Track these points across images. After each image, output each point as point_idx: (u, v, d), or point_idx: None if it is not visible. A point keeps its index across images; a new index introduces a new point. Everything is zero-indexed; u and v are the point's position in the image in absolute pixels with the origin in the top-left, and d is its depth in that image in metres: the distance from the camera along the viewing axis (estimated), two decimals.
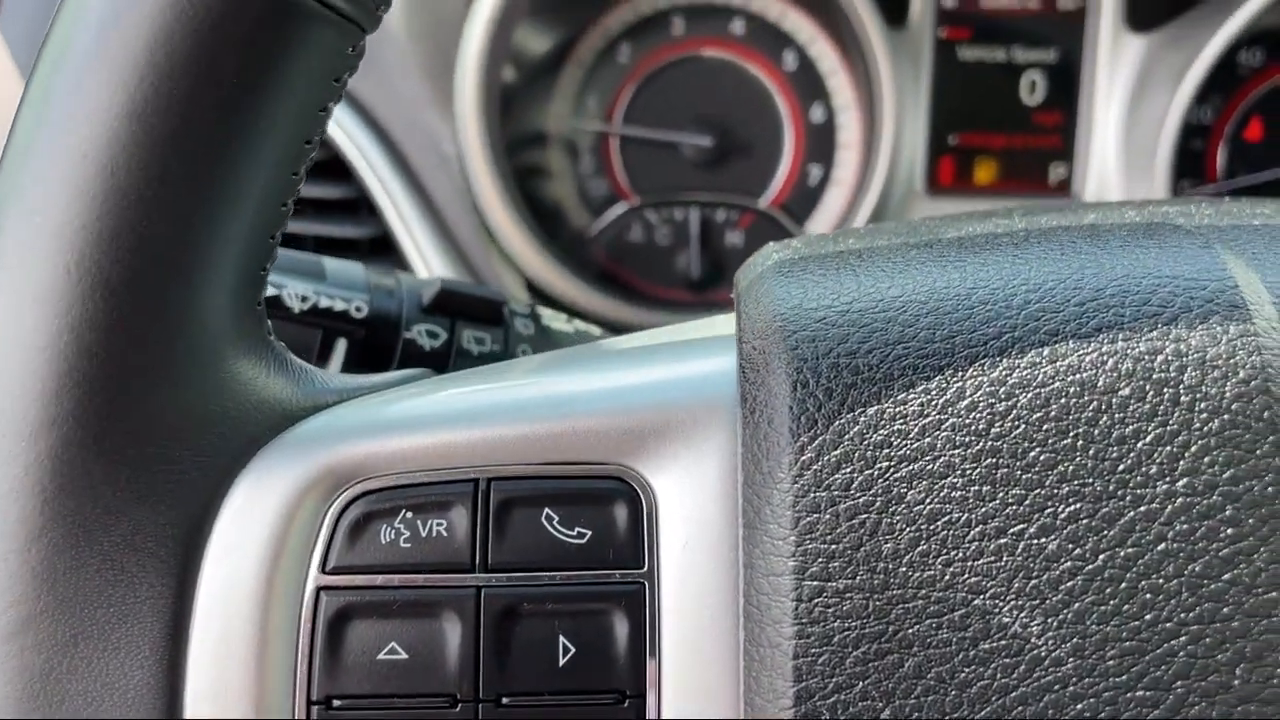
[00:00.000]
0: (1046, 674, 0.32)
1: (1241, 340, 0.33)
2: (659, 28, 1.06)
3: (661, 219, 1.08)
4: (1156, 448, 0.32)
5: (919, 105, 1.04)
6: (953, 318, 0.36)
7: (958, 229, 0.44)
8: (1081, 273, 0.36)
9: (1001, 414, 0.33)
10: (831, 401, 0.35)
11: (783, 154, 1.07)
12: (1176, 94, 0.95)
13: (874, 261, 0.40)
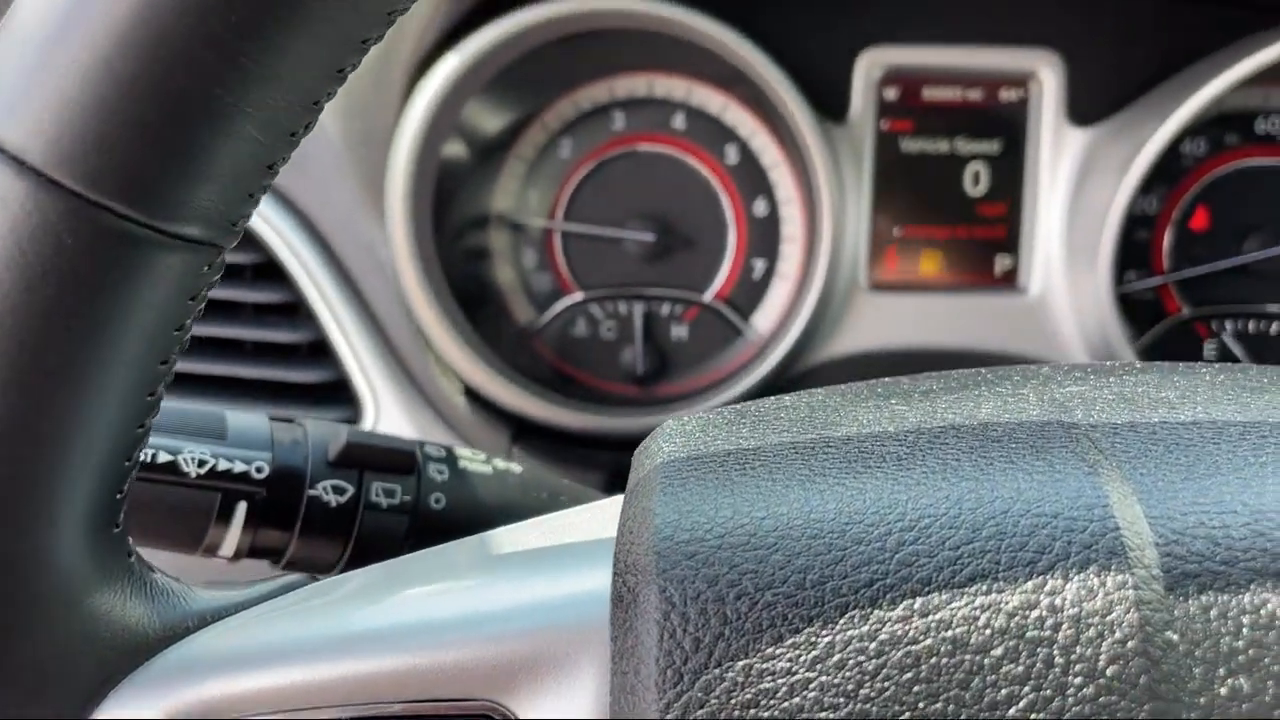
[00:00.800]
0: None
1: (1119, 594, 0.32)
2: (600, 122, 1.05)
3: (606, 313, 1.07)
4: (1030, 715, 0.31)
5: (861, 198, 1.03)
6: (825, 560, 0.34)
7: (850, 421, 0.43)
8: (959, 507, 0.35)
9: (870, 674, 0.32)
10: (699, 654, 0.33)
11: (726, 248, 1.06)
12: (1120, 186, 0.94)
13: (757, 473, 0.39)
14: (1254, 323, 1.04)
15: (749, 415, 0.46)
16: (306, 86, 0.36)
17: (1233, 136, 1.03)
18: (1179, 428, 0.40)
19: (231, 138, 0.36)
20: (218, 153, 0.36)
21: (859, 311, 1.04)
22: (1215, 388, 0.45)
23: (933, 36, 1.02)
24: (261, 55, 0.34)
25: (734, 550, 0.35)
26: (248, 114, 0.35)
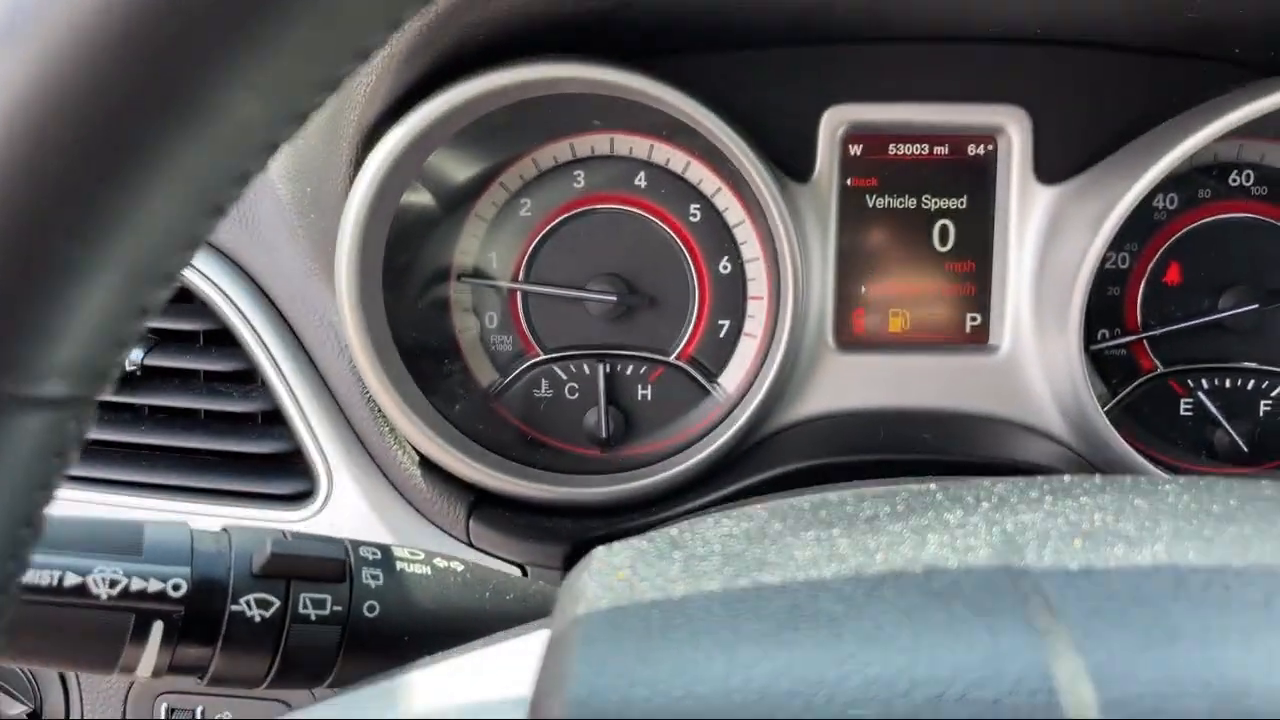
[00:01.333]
0: None
1: None
2: (561, 181, 1.03)
3: (569, 374, 1.05)
4: None
5: (827, 256, 1.01)
6: None
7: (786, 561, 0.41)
8: (893, 689, 0.33)
9: None
10: None
11: (690, 307, 1.04)
12: (1090, 245, 0.92)
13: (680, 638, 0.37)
14: (1230, 379, 1.02)
15: (682, 547, 0.44)
16: (171, 233, 0.34)
17: (1205, 190, 1.01)
18: (1138, 577, 0.38)
19: (92, 289, 0.34)
20: (76, 306, 0.34)
21: (827, 371, 1.02)
22: (1179, 516, 0.43)
23: (898, 94, 1.00)
24: (114, 210, 0.32)
25: None
26: (109, 265, 0.33)
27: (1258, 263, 1.00)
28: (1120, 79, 0.98)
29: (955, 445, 0.97)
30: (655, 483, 0.97)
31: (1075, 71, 0.98)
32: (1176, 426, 1.02)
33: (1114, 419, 1.02)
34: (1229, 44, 0.94)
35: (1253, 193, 1.00)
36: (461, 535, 0.95)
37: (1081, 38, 0.97)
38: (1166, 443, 1.02)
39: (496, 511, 0.96)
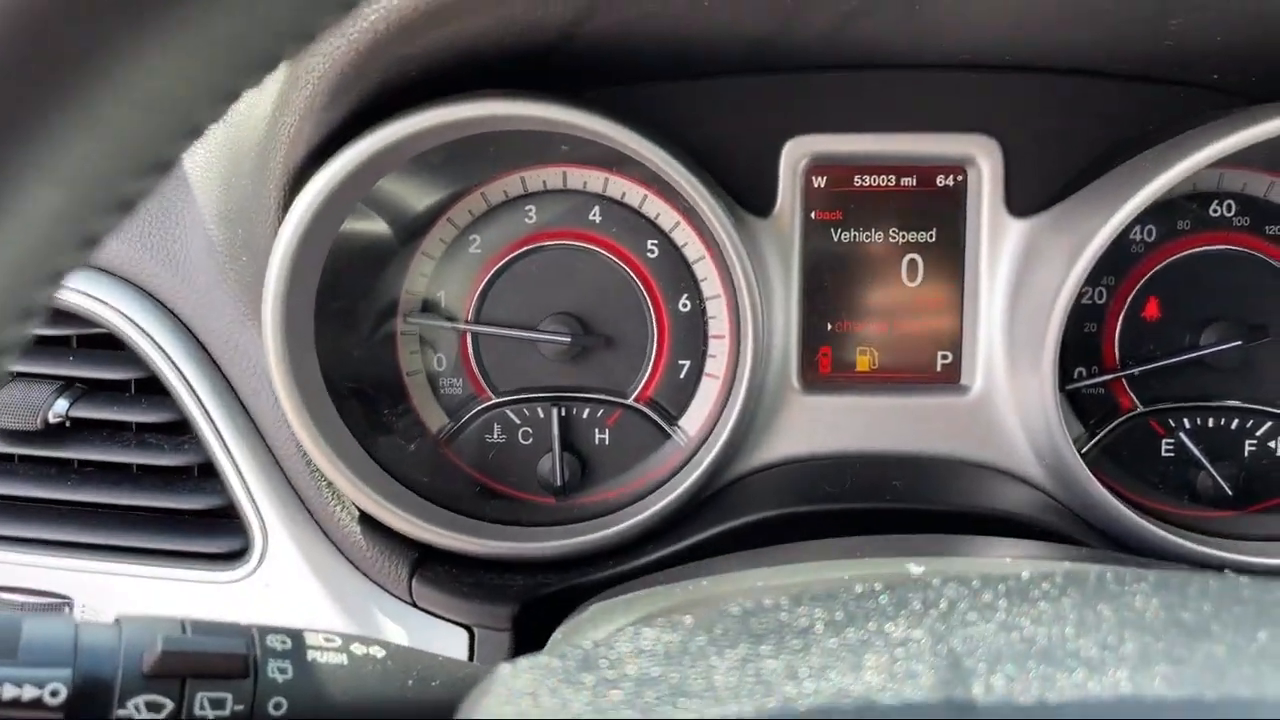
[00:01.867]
0: None
1: None
2: (512, 216, 0.99)
3: (522, 418, 1.00)
4: None
5: (790, 293, 0.97)
6: None
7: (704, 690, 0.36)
8: None
9: None
10: None
11: (649, 346, 0.99)
12: (1065, 281, 0.87)
13: None
14: (1213, 419, 0.97)
15: (593, 668, 0.40)
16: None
17: (1185, 221, 0.96)
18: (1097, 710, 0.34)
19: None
20: None
21: (792, 413, 0.97)
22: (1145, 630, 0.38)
23: (862, 124, 0.95)
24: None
25: None
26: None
27: (1240, 297, 0.96)
28: (1095, 106, 0.94)
29: (926, 492, 0.92)
30: (612, 534, 0.92)
31: (1048, 98, 0.94)
32: (1157, 468, 0.98)
33: (1091, 461, 0.97)
34: (1208, 70, 0.90)
35: (1234, 223, 0.96)
36: (404, 594, 0.89)
37: (1054, 63, 0.93)
38: (1147, 485, 0.97)
39: (442, 569, 0.91)
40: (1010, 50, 0.90)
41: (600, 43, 0.82)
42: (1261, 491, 0.97)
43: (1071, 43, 0.88)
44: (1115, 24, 0.79)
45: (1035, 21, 0.81)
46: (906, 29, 0.86)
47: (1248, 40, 0.80)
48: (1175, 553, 0.88)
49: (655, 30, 0.81)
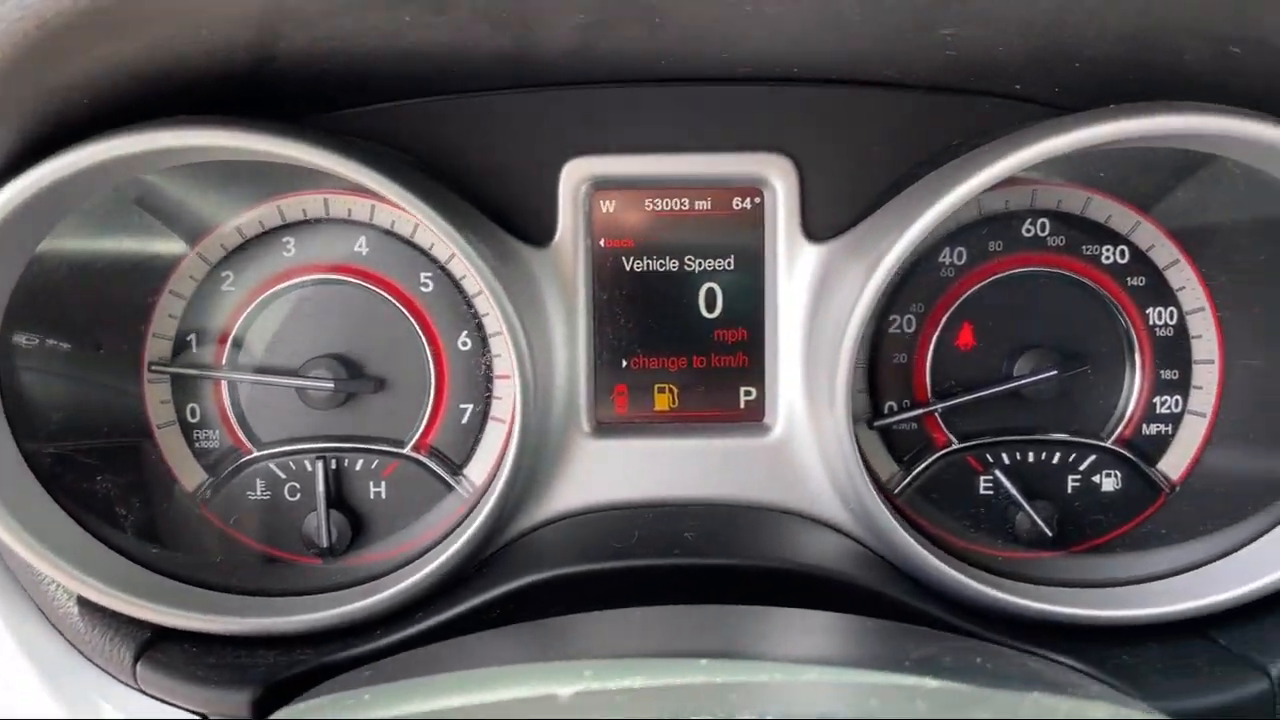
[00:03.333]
0: None
1: None
2: (269, 250, 0.89)
3: (288, 472, 0.90)
4: None
5: (576, 328, 0.89)
6: None
7: None
8: None
9: None
10: None
11: (427, 390, 0.90)
12: (856, 305, 0.79)
13: None
14: (1033, 453, 0.91)
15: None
16: None
17: (997, 243, 0.90)
18: None
19: None
20: None
21: (583, 460, 0.89)
22: None
23: (650, 144, 0.87)
24: None
25: None
26: None
27: (1057, 322, 0.90)
28: (896, 119, 0.87)
29: (721, 544, 0.84)
30: (380, 601, 0.83)
31: (845, 113, 0.87)
32: (976, 508, 0.91)
33: (908, 501, 0.91)
34: (1009, 80, 0.84)
35: (1049, 243, 0.90)
36: (129, 679, 0.79)
37: (849, 76, 0.86)
38: (966, 527, 0.91)
39: (180, 647, 0.80)
40: (797, 62, 0.83)
41: (313, 64, 0.73)
42: (1085, 530, 0.90)
43: (860, 54, 0.81)
44: (879, 34, 0.72)
45: (786, 33, 0.74)
46: (682, 39, 0.78)
47: (1030, 51, 0.74)
48: (985, 604, 0.81)
49: (373, 49, 0.72)
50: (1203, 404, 0.90)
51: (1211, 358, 0.89)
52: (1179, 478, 0.90)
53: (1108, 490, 0.91)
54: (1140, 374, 0.90)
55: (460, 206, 0.81)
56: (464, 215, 0.80)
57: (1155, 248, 0.89)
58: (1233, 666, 0.76)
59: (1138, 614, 0.80)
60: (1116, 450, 0.90)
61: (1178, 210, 0.88)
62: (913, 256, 0.89)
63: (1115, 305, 0.89)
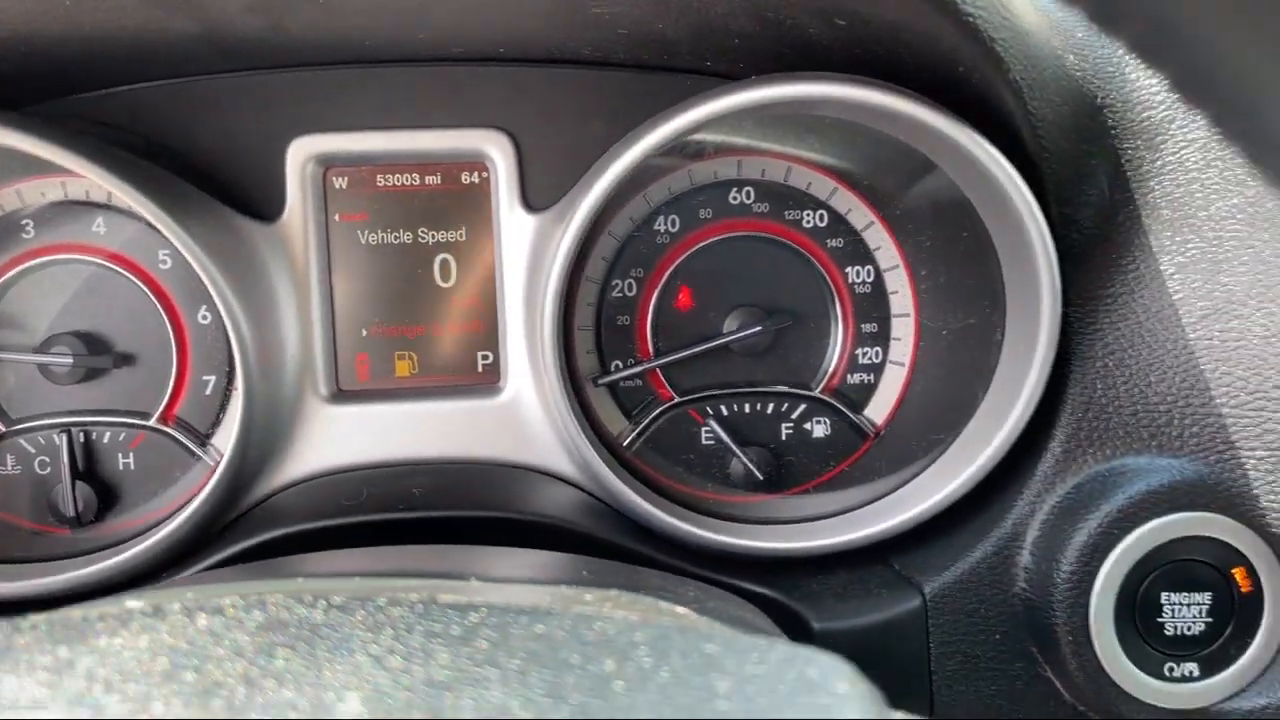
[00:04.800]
0: None
1: None
2: (7, 232, 0.92)
3: (38, 446, 0.94)
4: None
5: (309, 299, 0.93)
6: None
7: None
8: None
9: None
10: None
11: (170, 363, 0.94)
12: (553, 269, 0.85)
13: None
14: (748, 404, 0.98)
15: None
16: None
17: (707, 210, 0.97)
18: None
19: None
20: None
21: (320, 426, 0.94)
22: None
23: (375, 121, 0.92)
24: None
25: None
26: None
27: (766, 282, 0.97)
28: (603, 97, 0.93)
29: (447, 499, 0.89)
30: (120, 563, 0.87)
31: (554, 92, 0.93)
32: (698, 457, 0.98)
33: (638, 453, 0.97)
34: (696, 57, 0.90)
35: (754, 210, 0.97)
36: None
37: (555, 56, 0.91)
38: (689, 474, 0.97)
39: None
40: (500, 43, 0.88)
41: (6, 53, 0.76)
42: (799, 474, 0.98)
43: (548, 35, 0.86)
44: (537, 12, 0.78)
45: (454, 13, 0.79)
46: (347, 22, 0.82)
47: (688, 28, 0.80)
48: (695, 543, 0.88)
49: (57, 36, 0.75)
50: (901, 354, 0.98)
51: (907, 312, 0.97)
52: (882, 423, 0.98)
53: (818, 436, 0.98)
54: (843, 328, 0.97)
55: (179, 186, 0.85)
56: (181, 195, 0.84)
57: (853, 212, 0.97)
58: (897, 587, 0.83)
59: (826, 544, 0.88)
60: (824, 399, 0.97)
61: (869, 179, 0.95)
62: (631, 226, 0.96)
63: (817, 265, 0.97)
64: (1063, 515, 0.78)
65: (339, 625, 0.43)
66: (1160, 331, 0.76)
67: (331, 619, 0.43)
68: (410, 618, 0.44)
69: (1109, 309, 0.78)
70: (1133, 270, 0.77)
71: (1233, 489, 0.74)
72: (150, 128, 0.89)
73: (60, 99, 0.90)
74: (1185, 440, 0.75)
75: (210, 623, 0.44)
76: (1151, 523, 0.74)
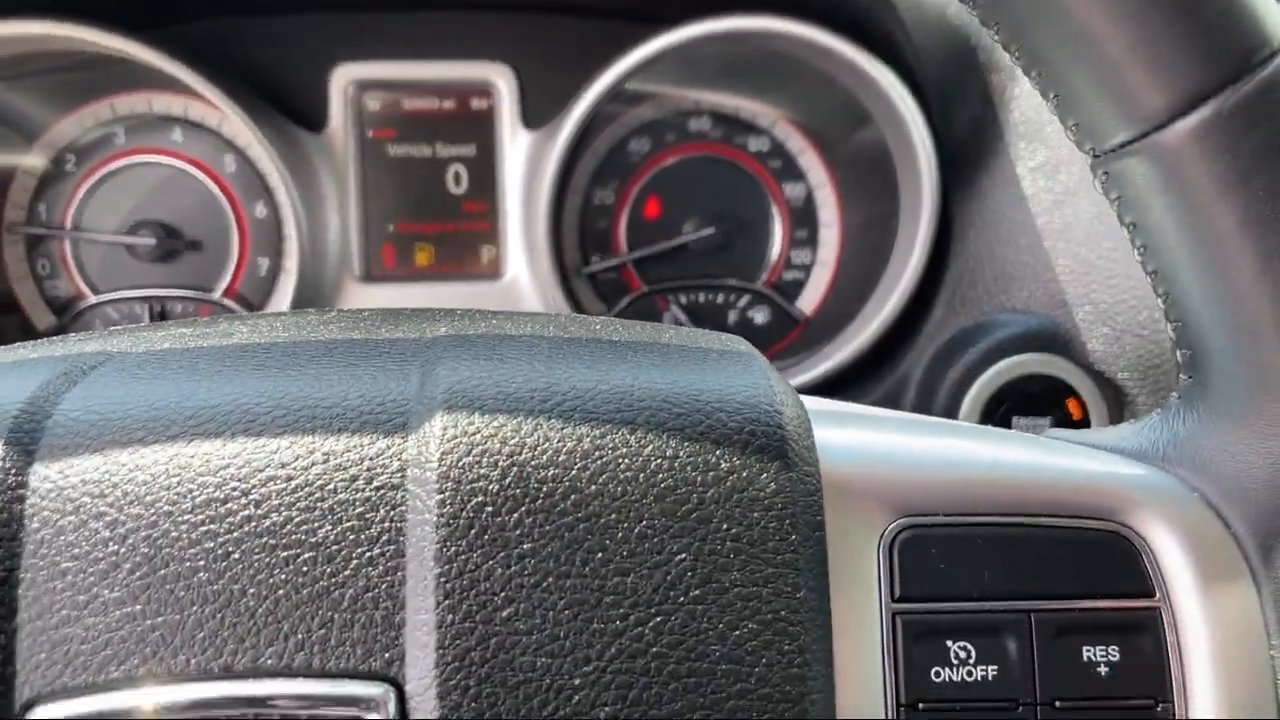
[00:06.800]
0: None
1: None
2: (103, 138, 1.13)
3: (122, 314, 1.15)
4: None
5: (347, 199, 1.15)
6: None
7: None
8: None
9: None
10: None
11: (231, 248, 1.16)
12: (545, 177, 1.08)
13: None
14: (703, 294, 1.20)
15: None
16: None
17: (672, 134, 1.19)
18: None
19: None
20: None
21: (354, 301, 1.15)
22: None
23: (402, 53, 1.14)
24: None
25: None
26: None
27: (717, 195, 1.19)
28: (589, 39, 1.15)
29: None
30: None
31: (551, 32, 1.15)
32: None
33: None
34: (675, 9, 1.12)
35: (710, 135, 1.19)
36: None
37: (551, 2, 1.13)
38: None
39: None
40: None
41: None
42: None
43: None
44: None
45: None
46: None
47: None
48: None
49: None
50: (827, 257, 1.20)
51: (832, 222, 1.20)
52: (811, 312, 1.20)
53: (759, 323, 1.20)
54: (780, 233, 1.20)
55: (252, 100, 1.06)
56: (252, 107, 1.05)
57: (789, 139, 1.19)
58: None
59: None
60: (765, 292, 1.20)
61: (803, 113, 1.18)
62: (608, 144, 1.18)
63: (761, 182, 1.19)
64: (938, 360, 1.01)
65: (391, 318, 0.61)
66: (1015, 219, 0.99)
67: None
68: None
69: (978, 202, 1.01)
70: (996, 171, 1.00)
71: (1067, 336, 0.96)
72: (226, 53, 1.10)
73: (158, 29, 1.11)
74: (1033, 300, 0.98)
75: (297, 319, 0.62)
76: (1005, 361, 0.96)
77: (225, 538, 0.43)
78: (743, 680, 0.43)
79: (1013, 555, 0.48)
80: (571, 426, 0.45)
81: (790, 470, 0.46)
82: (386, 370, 0.49)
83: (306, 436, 0.45)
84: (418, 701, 0.41)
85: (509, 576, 0.43)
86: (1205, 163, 0.45)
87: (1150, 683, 0.47)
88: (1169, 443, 0.52)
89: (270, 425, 0.45)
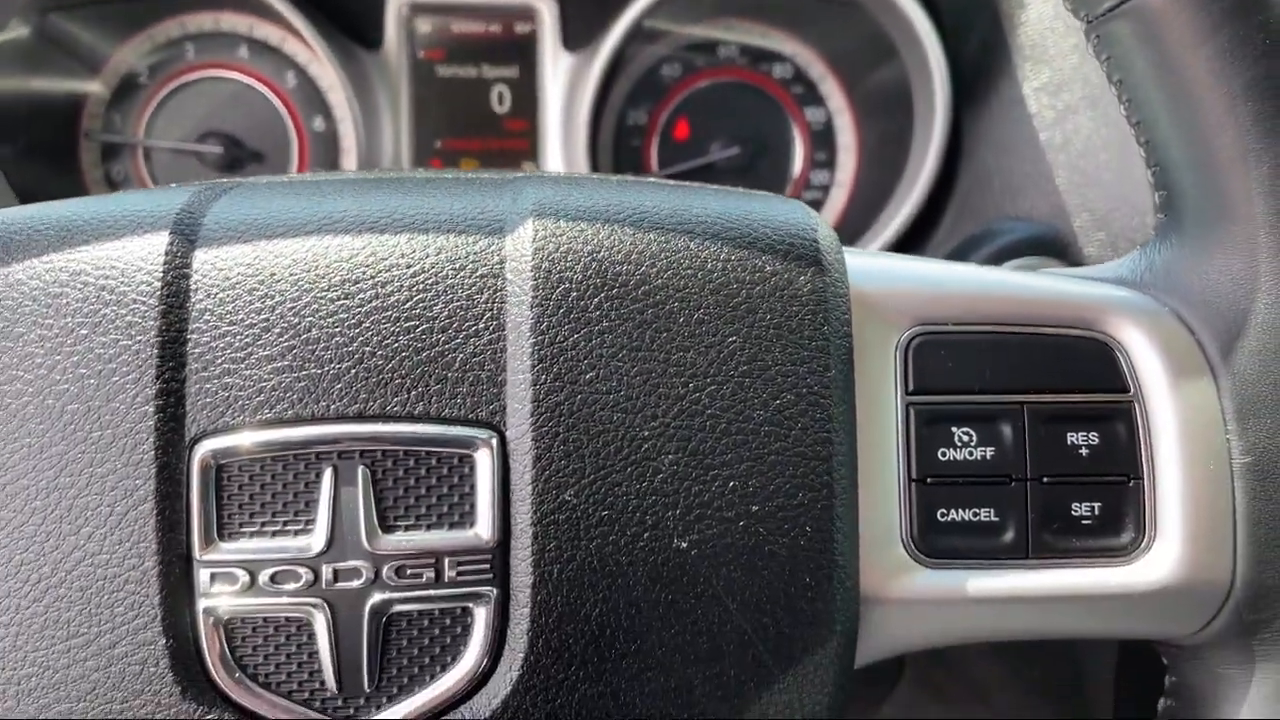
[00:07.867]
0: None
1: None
2: (174, 53, 1.22)
3: None
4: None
5: (399, 114, 1.23)
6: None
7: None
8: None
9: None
10: None
11: (292, 158, 1.24)
12: (584, 97, 1.17)
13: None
14: None
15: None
16: None
17: (701, 60, 1.27)
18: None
19: None
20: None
21: None
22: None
23: None
24: None
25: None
26: None
27: (743, 117, 1.27)
28: None
29: None
30: None
31: None
32: None
33: None
34: None
35: (737, 62, 1.27)
36: None
37: None
38: None
39: None
40: None
41: None
42: None
43: None
44: None
45: None
46: None
47: None
48: None
49: None
50: (844, 178, 1.28)
51: (851, 146, 1.28)
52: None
53: None
54: (801, 155, 1.28)
55: (317, 18, 1.15)
56: (318, 24, 1.14)
57: (811, 67, 1.27)
58: None
59: None
60: None
61: (825, 43, 1.26)
62: (642, 68, 1.26)
63: (783, 106, 1.28)
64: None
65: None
66: (1020, 134, 1.07)
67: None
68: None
69: (986, 118, 1.10)
70: (1005, 90, 1.08)
71: (1065, 241, 1.05)
72: None
73: None
74: (1035, 209, 1.06)
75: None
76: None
77: (357, 311, 0.52)
78: (781, 439, 0.52)
79: (1010, 357, 0.57)
80: (641, 233, 0.54)
81: (824, 275, 0.55)
82: (483, 191, 0.57)
83: (421, 235, 0.54)
84: (516, 444, 0.51)
85: (590, 348, 0.52)
86: (1180, 19, 0.54)
87: (1125, 463, 0.56)
88: (1146, 269, 0.61)
89: (390, 225, 0.54)
